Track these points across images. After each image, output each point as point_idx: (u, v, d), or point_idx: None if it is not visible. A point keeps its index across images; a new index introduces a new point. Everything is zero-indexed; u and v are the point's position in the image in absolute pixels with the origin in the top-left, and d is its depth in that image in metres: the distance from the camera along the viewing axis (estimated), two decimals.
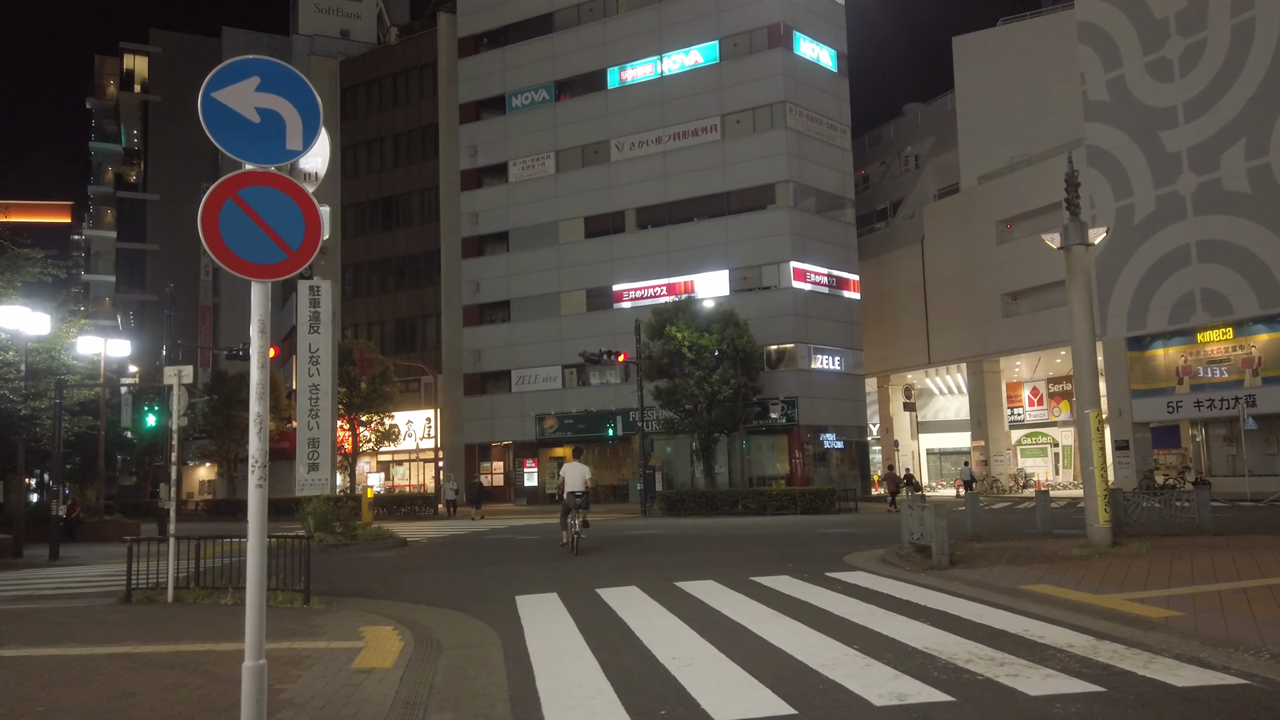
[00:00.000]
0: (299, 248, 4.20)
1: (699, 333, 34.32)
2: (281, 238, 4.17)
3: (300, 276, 50.17)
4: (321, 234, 4.28)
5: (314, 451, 24.23)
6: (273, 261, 4.18)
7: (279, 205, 4.18)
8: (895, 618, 8.58)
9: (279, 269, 4.23)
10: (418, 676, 6.93)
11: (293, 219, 4.20)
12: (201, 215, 4.03)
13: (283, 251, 4.18)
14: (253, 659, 4.15)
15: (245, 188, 4.16)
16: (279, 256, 4.18)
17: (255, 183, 4.18)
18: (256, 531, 4.03)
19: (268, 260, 4.17)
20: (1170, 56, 35.62)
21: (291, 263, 4.20)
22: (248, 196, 4.15)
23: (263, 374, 4.04)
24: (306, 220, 4.21)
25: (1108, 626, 7.81)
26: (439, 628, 9.14)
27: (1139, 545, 12.94)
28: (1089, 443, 13.23)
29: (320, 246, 4.39)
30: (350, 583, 13.68)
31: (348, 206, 53.20)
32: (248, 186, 4.17)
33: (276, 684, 6.61)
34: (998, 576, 10.93)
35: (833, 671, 6.46)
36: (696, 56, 42.56)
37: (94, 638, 8.91)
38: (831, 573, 12.17)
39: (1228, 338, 34.93)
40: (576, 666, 7.05)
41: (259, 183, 4.19)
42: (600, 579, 12.52)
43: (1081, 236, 13.66)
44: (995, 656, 6.73)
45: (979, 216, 44.38)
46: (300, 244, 4.21)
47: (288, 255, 4.19)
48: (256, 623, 4.10)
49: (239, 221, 4.11)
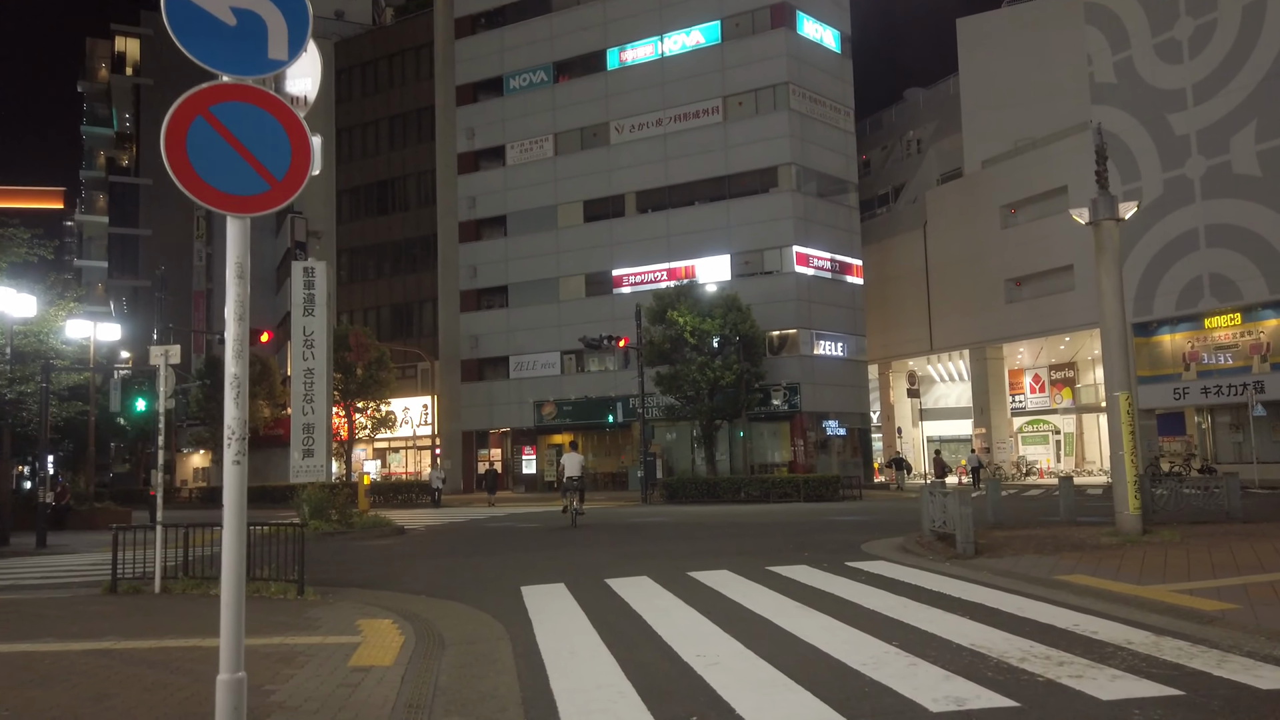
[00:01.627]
0: (284, 177, 3.50)
1: (701, 317, 33.77)
2: (263, 164, 3.47)
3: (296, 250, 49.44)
4: (312, 163, 3.57)
5: (309, 437, 23.68)
6: (252, 192, 3.47)
7: (260, 125, 3.48)
8: (930, 610, 8.04)
9: (260, 201, 3.51)
10: (421, 676, 6.37)
11: (276, 142, 3.50)
12: (165, 135, 3.34)
13: (264, 181, 3.47)
14: (229, 671, 3.41)
15: (219, 103, 3.46)
16: (260, 187, 3.47)
17: (230, 97, 3.47)
18: (234, 518, 3.35)
19: (246, 191, 3.46)
20: (1179, 38, 35.03)
21: (275, 194, 3.49)
22: (222, 114, 3.45)
23: (240, 328, 3.35)
24: (294, 144, 3.52)
25: (1162, 620, 7.27)
26: (441, 621, 8.60)
27: (1171, 533, 12.41)
28: (1119, 427, 12.67)
29: (317, 231, 3.74)
30: (347, 572, 13.15)
31: (343, 191, 52.47)
32: (222, 101, 3.46)
33: (266, 684, 6.07)
34: (1028, 566, 10.39)
35: (875, 671, 5.90)
36: (698, 37, 41.82)
37: (73, 632, 8.35)
38: (852, 562, 11.63)
39: (1236, 323, 34.46)
40: (593, 664, 6.50)
41: (235, 97, 3.48)
42: (609, 568, 11.98)
43: (1111, 211, 13.08)
44: (1051, 655, 6.18)
45: (983, 201, 43.82)
46: (286, 172, 3.50)
47: (271, 185, 3.48)
48: (234, 628, 3.38)
49: (211, 144, 3.42)
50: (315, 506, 20.36)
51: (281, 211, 56.27)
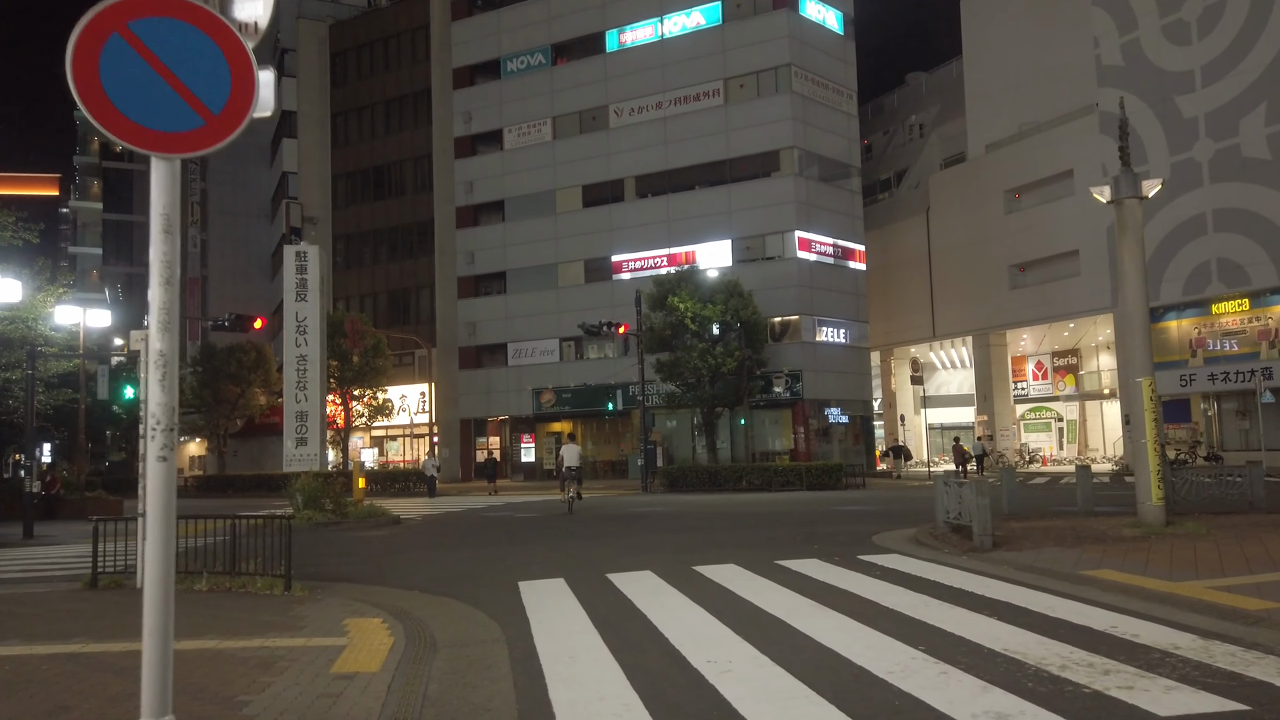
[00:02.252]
0: (221, 110, 2.81)
1: (702, 304, 33.24)
2: (195, 95, 2.77)
3: (291, 235, 48.54)
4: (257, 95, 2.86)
5: (302, 425, 23.24)
6: (182, 129, 2.78)
7: (192, 47, 2.77)
8: (954, 610, 7.54)
9: (191, 140, 2.81)
10: (408, 684, 5.88)
11: (213, 68, 2.81)
12: (72, 57, 2.65)
13: (196, 115, 2.78)
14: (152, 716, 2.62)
15: (140, 17, 2.74)
16: (191, 122, 2.78)
17: (155, 11, 2.75)
18: (159, 531, 2.65)
19: (174, 127, 2.77)
20: (1188, 19, 34.42)
21: (210, 132, 2.81)
22: (144, 32, 2.74)
23: (168, 293, 2.74)
24: (234, 71, 2.83)
25: (1205, 621, 6.78)
26: (434, 620, 8.12)
27: (1195, 524, 11.92)
28: (1141, 414, 12.16)
29: (313, 217, 3.10)
30: (338, 565, 12.69)
31: (338, 176, 51.80)
32: (144, 16, 2.74)
33: (241, 694, 5.59)
34: (1050, 560, 9.91)
35: (904, 681, 5.41)
36: (698, 18, 41.10)
37: (42, 633, 7.86)
38: (864, 555, 11.13)
39: (1244, 309, 33.98)
40: (595, 671, 6.01)
41: (160, 11, 2.75)
42: (610, 562, 11.50)
43: (1134, 189, 12.54)
44: (1094, 661, 5.69)
45: (986, 186, 43.22)
46: (224, 105, 2.81)
47: (205, 121, 2.79)
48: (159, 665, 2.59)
49: (131, 68, 2.71)
50: (309, 496, 19.90)
51: (277, 196, 55.63)
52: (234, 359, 45.13)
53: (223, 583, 10.48)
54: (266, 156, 60.54)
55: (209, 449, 51.09)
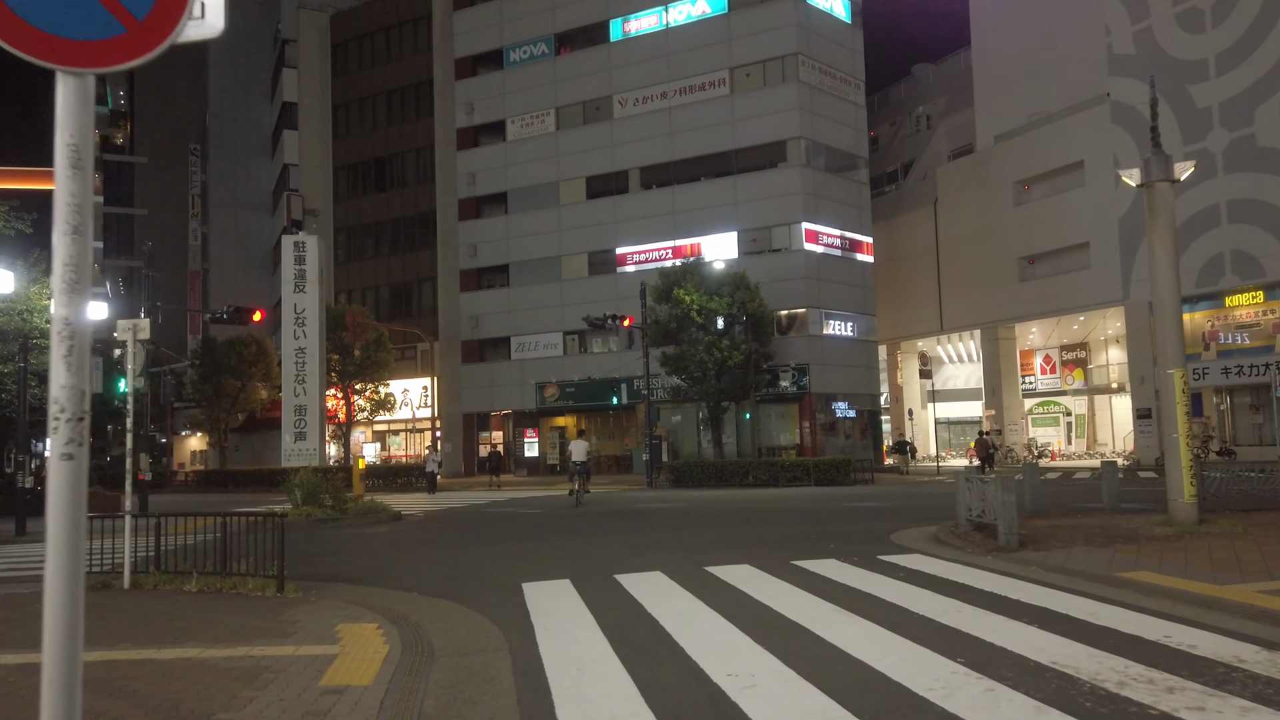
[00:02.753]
0: (147, 16, 2.23)
1: (708, 296, 32.71)
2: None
3: (292, 227, 48.19)
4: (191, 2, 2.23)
5: (300, 420, 22.76)
6: (98, 37, 2.19)
7: None
8: (989, 616, 7.04)
9: (109, 51, 2.21)
10: (402, 700, 5.39)
11: None
12: None
13: (115, 20, 2.20)
14: None
15: None
16: (109, 28, 2.20)
17: None
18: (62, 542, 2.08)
19: (88, 35, 2.19)
20: (1201, 6, 33.83)
21: (132, 41, 2.22)
22: None
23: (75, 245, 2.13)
24: None
25: (1263, 630, 6.28)
26: (432, 625, 7.64)
27: (1229, 522, 11.41)
28: (1172, 407, 11.66)
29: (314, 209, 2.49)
30: (335, 564, 12.23)
31: (339, 167, 51.32)
32: None
33: (220, 711, 5.12)
34: (1082, 561, 9.41)
35: (948, 700, 4.92)
36: (704, 6, 40.49)
37: (14, 639, 7.39)
38: (884, 555, 10.63)
39: (1258, 301, 33.41)
40: (605, 686, 5.53)
41: None
42: (618, 562, 11.01)
43: (1166, 171, 12.02)
44: (1155, 677, 5.19)
45: (995, 177, 42.67)
46: (150, 9, 2.23)
47: (127, 27, 2.21)
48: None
49: None
50: (307, 492, 19.44)
51: (278, 189, 55.11)
52: (235, 353, 44.70)
53: (213, 583, 10.03)
54: (267, 149, 60.06)
55: (210, 444, 50.67)
